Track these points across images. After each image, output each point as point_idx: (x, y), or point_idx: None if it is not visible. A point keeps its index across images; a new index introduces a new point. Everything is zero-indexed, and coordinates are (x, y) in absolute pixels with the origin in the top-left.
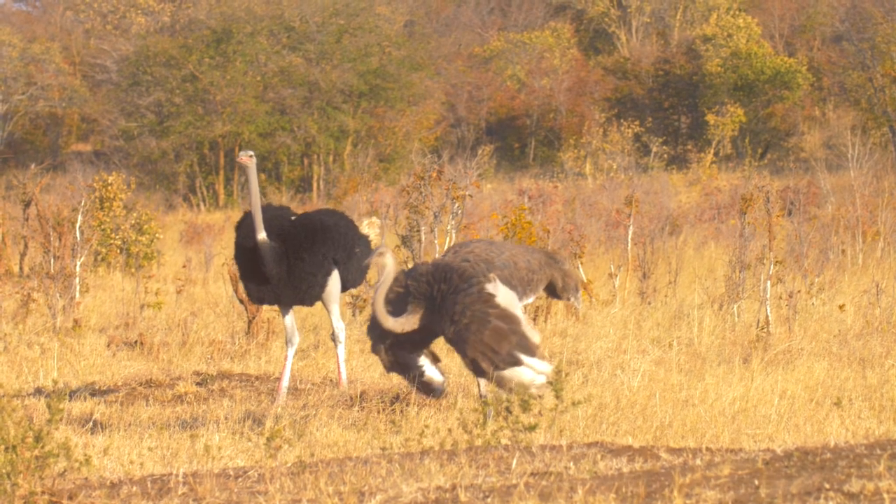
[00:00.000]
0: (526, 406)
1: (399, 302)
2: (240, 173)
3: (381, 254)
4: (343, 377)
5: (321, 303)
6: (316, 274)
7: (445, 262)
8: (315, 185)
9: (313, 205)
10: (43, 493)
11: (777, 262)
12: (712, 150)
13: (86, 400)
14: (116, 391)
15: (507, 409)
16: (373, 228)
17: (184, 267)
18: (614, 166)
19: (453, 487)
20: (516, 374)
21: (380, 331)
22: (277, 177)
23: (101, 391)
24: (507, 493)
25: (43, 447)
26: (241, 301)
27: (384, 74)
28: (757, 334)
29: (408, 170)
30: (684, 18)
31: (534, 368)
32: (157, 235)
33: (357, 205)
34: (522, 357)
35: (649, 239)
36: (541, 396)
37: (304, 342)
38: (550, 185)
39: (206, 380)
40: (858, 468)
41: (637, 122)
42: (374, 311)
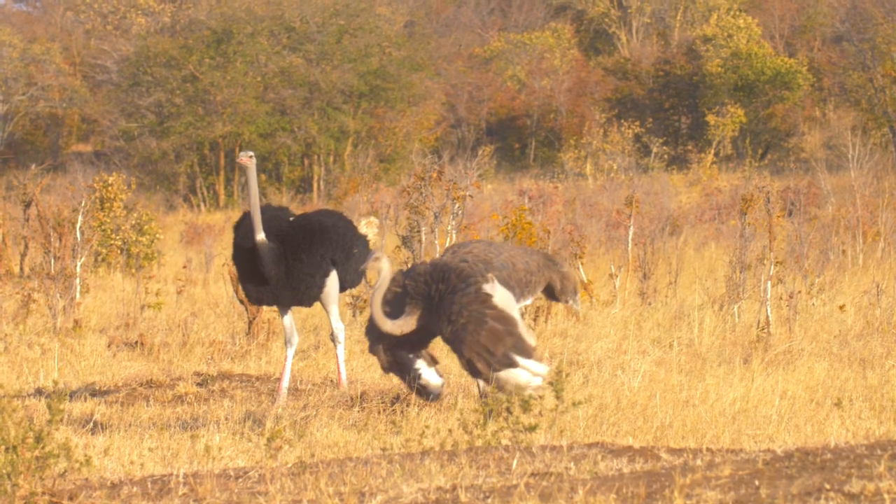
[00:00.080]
0: (526, 406)
1: (397, 302)
2: (240, 174)
3: (376, 259)
4: (343, 377)
5: (320, 303)
6: (314, 275)
7: (443, 262)
8: (315, 185)
9: (314, 205)
10: (43, 493)
11: (777, 262)
12: (713, 151)
13: (86, 400)
14: (117, 392)
15: (508, 409)
16: (371, 228)
17: (184, 267)
18: (615, 167)
19: (454, 488)
20: (512, 376)
21: (378, 332)
22: (278, 177)
23: (102, 392)
24: (507, 493)
25: (43, 448)
26: (242, 302)
27: (384, 75)
28: (757, 335)
29: (408, 170)
30: (684, 19)
31: (530, 370)
32: (158, 236)
33: (357, 205)
34: (518, 359)
35: (650, 239)
36: (541, 397)
37: (304, 343)
38: (551, 186)
39: (206, 380)
40: (859, 469)
41: (637, 123)
42: (372, 315)
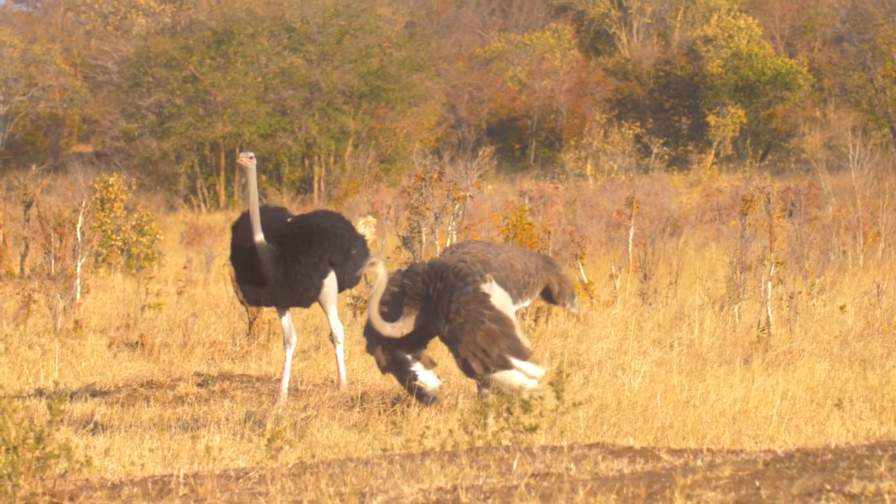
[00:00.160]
0: (527, 407)
1: (395, 302)
2: (240, 174)
3: (372, 263)
4: (343, 378)
5: (319, 304)
6: (312, 276)
7: (442, 262)
8: (316, 186)
9: (314, 206)
10: (44, 494)
11: (778, 263)
12: (713, 151)
13: (86, 401)
14: (117, 392)
15: (508, 409)
16: (368, 227)
17: (184, 268)
18: (615, 167)
19: (454, 488)
20: (506, 378)
21: (376, 332)
22: (278, 178)
23: (102, 392)
24: (508, 494)
25: (44, 448)
26: (242, 302)
27: (385, 75)
28: (758, 335)
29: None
30: (685, 19)
31: (524, 372)
32: (158, 236)
33: (358, 206)
34: (513, 360)
35: (650, 240)
36: (542, 397)
37: (304, 343)
38: (551, 187)
39: (206, 381)
40: (859, 469)
41: (638, 124)
42: (370, 320)
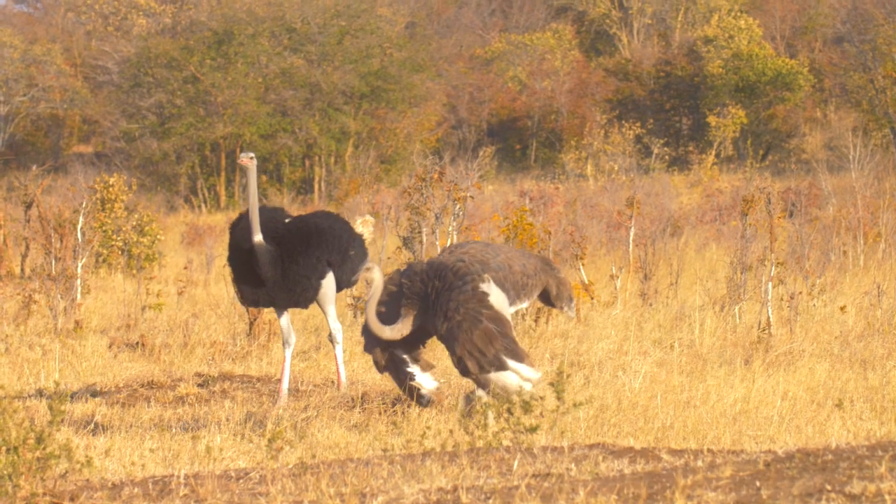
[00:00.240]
0: (527, 407)
1: (392, 302)
2: (241, 175)
3: (368, 269)
4: (342, 378)
5: (317, 305)
6: (310, 277)
7: (440, 261)
8: (316, 186)
9: (315, 206)
10: (44, 494)
11: (778, 263)
12: (713, 152)
13: (87, 401)
14: (118, 392)
15: (509, 410)
16: (366, 227)
17: (185, 268)
18: (615, 168)
19: (455, 489)
20: (501, 379)
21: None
22: (279, 178)
23: (103, 392)
24: (508, 494)
25: (44, 448)
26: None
27: (385, 76)
28: (758, 336)
29: (409, 171)
30: (685, 20)
31: (520, 374)
32: (159, 237)
33: (358, 206)
34: (509, 362)
35: (650, 240)
36: (542, 398)
37: (305, 343)
38: (552, 187)
39: (207, 381)
40: (860, 470)
41: (638, 124)
42: (368, 324)
